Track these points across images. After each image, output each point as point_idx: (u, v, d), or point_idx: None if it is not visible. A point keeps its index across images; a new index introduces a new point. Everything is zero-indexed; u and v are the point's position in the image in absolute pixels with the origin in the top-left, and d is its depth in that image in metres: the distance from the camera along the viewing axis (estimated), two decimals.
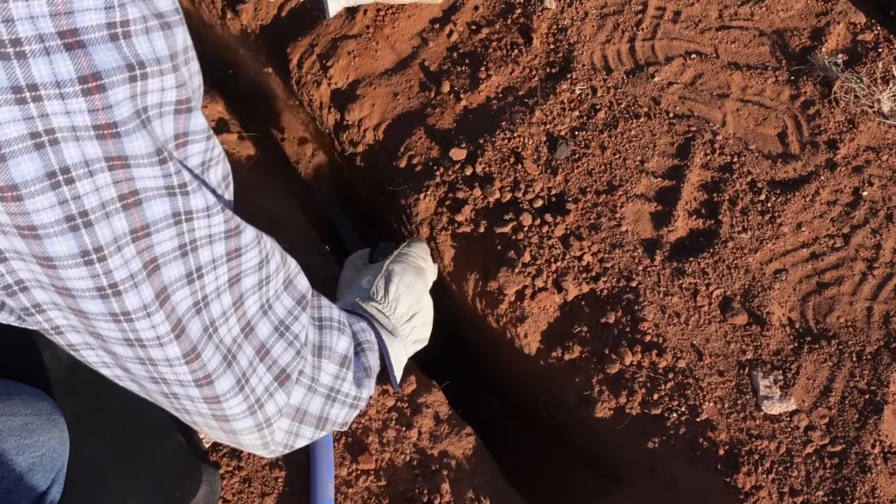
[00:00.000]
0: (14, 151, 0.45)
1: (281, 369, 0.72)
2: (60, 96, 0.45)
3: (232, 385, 0.66)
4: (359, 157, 1.44)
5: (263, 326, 0.70)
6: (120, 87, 0.47)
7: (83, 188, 0.48)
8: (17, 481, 0.81)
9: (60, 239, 0.49)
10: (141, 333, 0.57)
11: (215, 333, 0.63)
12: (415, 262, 1.14)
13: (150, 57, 0.49)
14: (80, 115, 0.46)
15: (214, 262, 0.60)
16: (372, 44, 1.48)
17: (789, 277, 1.19)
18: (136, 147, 0.50)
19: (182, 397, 0.65)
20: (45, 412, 0.87)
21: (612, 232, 1.23)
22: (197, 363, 0.62)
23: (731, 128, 1.35)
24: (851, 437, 1.07)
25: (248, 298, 0.67)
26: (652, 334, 1.15)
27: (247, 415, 0.69)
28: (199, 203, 0.56)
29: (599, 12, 1.49)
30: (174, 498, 0.95)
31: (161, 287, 0.56)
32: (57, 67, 0.44)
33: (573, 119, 1.35)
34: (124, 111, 0.48)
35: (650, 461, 1.10)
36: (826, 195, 1.27)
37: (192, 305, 0.60)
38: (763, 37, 1.47)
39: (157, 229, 0.54)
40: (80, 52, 0.45)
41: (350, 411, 0.84)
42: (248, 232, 0.63)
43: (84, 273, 0.51)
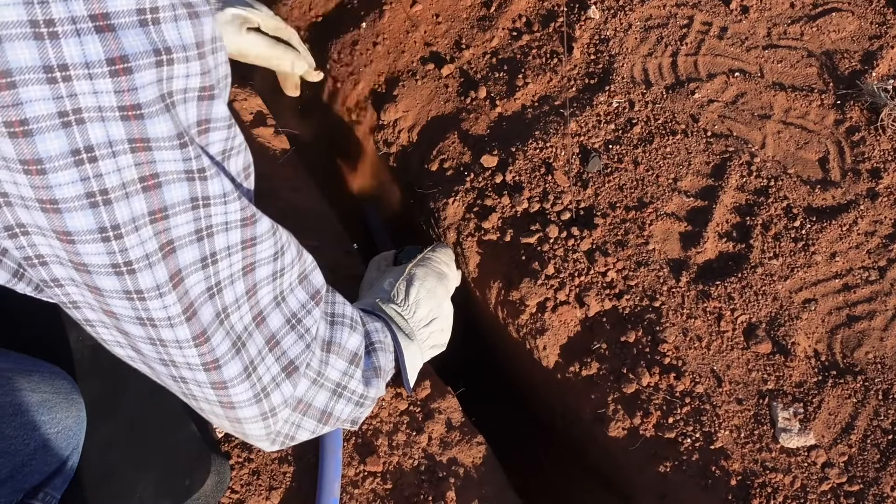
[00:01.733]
0: (41, 128, 0.47)
1: (290, 360, 0.73)
2: (89, 76, 0.47)
3: (239, 371, 0.67)
4: (392, 157, 1.45)
5: (275, 317, 0.71)
6: (146, 70, 0.49)
7: (105, 167, 0.50)
8: (32, 455, 0.84)
9: (80, 214, 0.50)
10: (153, 313, 0.58)
11: (227, 319, 0.64)
12: (438, 268, 1.14)
13: (177, 43, 0.50)
14: (106, 96, 0.48)
15: (229, 249, 0.61)
16: (412, 45, 1.48)
17: (818, 308, 1.16)
18: (159, 130, 0.51)
19: (190, 381, 0.66)
20: (65, 391, 0.89)
21: (639, 250, 1.22)
22: (206, 346, 0.63)
23: (770, 150, 1.32)
24: (870, 477, 1.04)
25: (262, 289, 0.67)
26: (671, 356, 1.13)
27: (252, 402, 0.70)
28: (216, 189, 0.57)
29: (643, 24, 1.47)
30: (183, 486, 0.97)
31: (176, 269, 0.57)
32: (87, 48, 0.46)
33: (608, 132, 1.33)
34: (149, 94, 0.50)
35: (661, 485, 1.08)
36: (864, 225, 1.24)
37: (205, 290, 0.61)
38: (811, 57, 1.43)
39: (175, 212, 0.55)
40: (109, 34, 0.47)
41: (355, 409, 0.85)
42: (263, 222, 0.64)
43: (101, 249, 0.53)
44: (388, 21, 1.51)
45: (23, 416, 0.84)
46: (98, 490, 0.94)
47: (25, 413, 0.84)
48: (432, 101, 1.42)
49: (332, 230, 1.38)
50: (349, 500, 1.04)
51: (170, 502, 0.96)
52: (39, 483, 0.88)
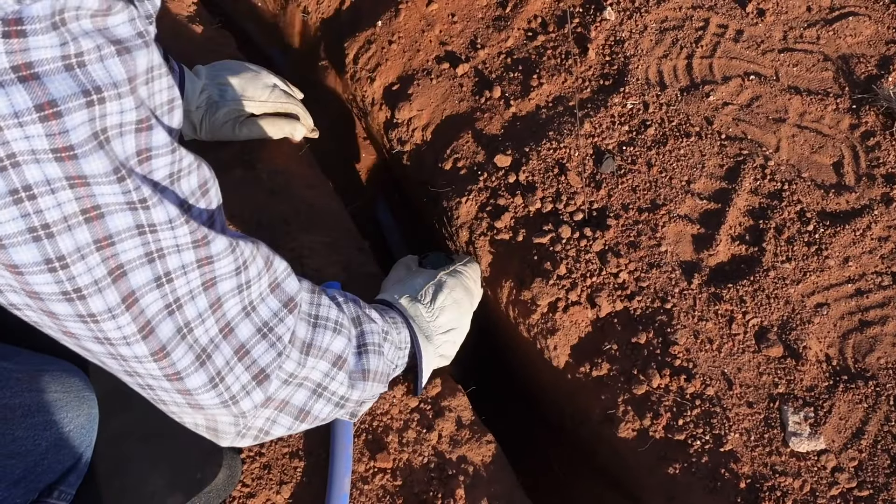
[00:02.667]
0: None
1: (260, 369, 0.74)
2: (19, 124, 0.48)
3: (204, 382, 0.69)
4: (406, 155, 1.45)
5: (245, 328, 0.72)
6: (77, 112, 0.50)
7: (45, 203, 0.51)
8: (44, 455, 0.85)
9: (24, 248, 0.52)
10: (108, 333, 0.60)
11: (190, 334, 0.65)
12: (466, 282, 1.17)
13: (106, 81, 0.51)
14: (38, 140, 0.49)
15: (185, 268, 0.62)
16: (427, 44, 1.49)
17: (831, 312, 1.16)
18: (94, 167, 0.52)
19: (157, 389, 0.68)
20: (76, 389, 0.90)
21: (651, 251, 1.22)
22: (166, 361, 0.65)
23: (784, 154, 1.32)
24: (880, 483, 1.04)
25: (227, 301, 0.68)
26: (682, 358, 1.13)
27: (220, 406, 0.72)
28: (160, 216, 0.58)
29: (659, 26, 1.47)
30: (195, 479, 0.97)
31: (128, 291, 0.59)
32: (13, 98, 0.47)
33: (622, 134, 1.33)
34: (81, 134, 0.51)
35: (670, 487, 1.09)
36: (878, 231, 1.23)
37: (163, 307, 0.62)
38: (827, 62, 1.43)
39: (121, 238, 0.56)
40: (34, 83, 0.48)
41: (335, 409, 0.86)
42: (218, 241, 0.64)
43: (49, 279, 0.54)
44: (403, 20, 1.52)
45: (34, 417, 0.85)
46: (111, 483, 0.95)
47: (36, 414, 0.85)
48: (447, 100, 1.43)
49: (345, 227, 1.38)
50: (359, 496, 1.05)
51: (181, 495, 0.97)
52: (54, 481, 0.89)
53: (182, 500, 0.96)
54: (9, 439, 0.82)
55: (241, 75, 1.31)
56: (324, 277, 1.25)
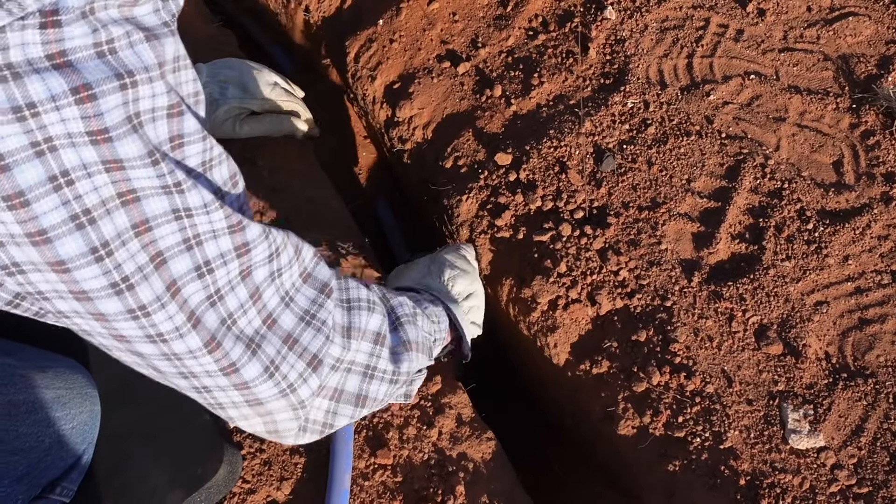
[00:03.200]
0: (17, 161, 0.48)
1: (313, 355, 0.74)
2: (56, 108, 0.49)
3: (260, 372, 0.68)
4: (407, 154, 1.46)
5: (287, 318, 0.71)
6: (111, 95, 0.51)
7: (83, 188, 0.51)
8: (48, 451, 0.85)
9: (69, 239, 0.52)
10: (160, 327, 0.59)
11: (234, 325, 0.65)
12: (461, 253, 1.21)
13: (138, 66, 0.52)
14: (73, 123, 0.50)
15: (223, 257, 0.62)
16: (428, 43, 1.49)
17: (830, 311, 1.17)
18: (129, 150, 0.53)
19: (213, 389, 0.67)
20: (79, 385, 0.90)
21: (652, 249, 1.22)
22: (219, 352, 0.64)
23: (784, 153, 1.32)
24: (880, 480, 1.04)
25: (266, 291, 0.68)
26: (682, 356, 1.13)
27: (279, 397, 0.71)
28: (195, 200, 0.58)
29: (660, 26, 1.47)
30: (195, 476, 0.97)
31: (171, 280, 0.58)
32: (49, 83, 0.48)
33: (622, 132, 1.34)
34: (115, 117, 0.51)
35: (669, 484, 1.09)
36: (878, 229, 1.24)
37: (205, 298, 0.62)
38: (827, 61, 1.43)
39: (158, 224, 0.56)
40: (68, 69, 0.49)
41: (391, 387, 0.85)
42: (252, 227, 0.64)
43: (96, 271, 0.54)
44: (405, 19, 1.52)
45: (37, 414, 0.85)
46: (112, 480, 0.95)
47: (39, 410, 0.85)
48: (448, 98, 1.43)
49: (346, 225, 1.39)
50: (359, 492, 1.05)
51: (182, 491, 0.97)
52: (56, 478, 0.89)
53: (183, 496, 0.97)
54: (12, 436, 0.82)
55: (242, 73, 1.31)
56: None
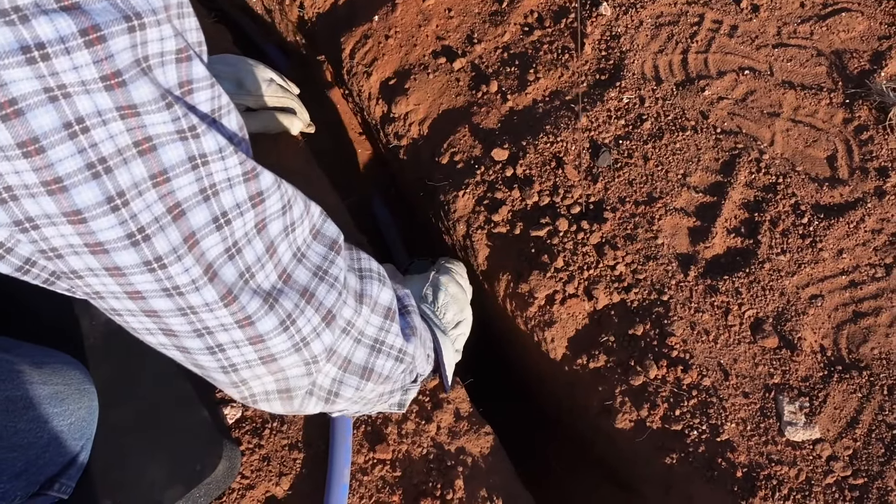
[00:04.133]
0: (31, 105, 0.48)
1: (327, 310, 0.73)
2: (66, 51, 0.48)
3: (275, 325, 0.67)
4: (403, 150, 1.46)
5: (301, 273, 0.71)
6: (119, 37, 0.50)
7: (98, 136, 0.51)
8: (46, 448, 0.84)
9: (85, 187, 0.51)
10: (176, 279, 0.58)
11: (252, 279, 0.64)
12: (457, 278, 1.19)
13: (145, 8, 0.51)
14: (86, 69, 0.49)
15: (240, 207, 0.61)
16: (424, 38, 1.49)
17: (825, 304, 1.17)
18: (142, 93, 0.52)
19: (227, 346, 0.66)
20: (77, 381, 0.90)
21: (648, 244, 1.23)
22: (235, 305, 0.63)
23: (779, 147, 1.33)
24: (875, 471, 1.05)
25: (280, 245, 0.67)
26: (679, 350, 1.14)
27: (292, 351, 0.70)
28: (211, 145, 0.57)
29: (654, 22, 1.47)
30: (194, 471, 0.97)
31: (189, 232, 0.58)
32: (58, 24, 0.47)
33: (618, 128, 1.34)
34: (125, 59, 0.51)
35: (667, 477, 1.09)
36: (871, 223, 1.25)
37: (223, 251, 0.61)
38: (821, 57, 1.44)
39: (176, 174, 0.56)
40: (76, 11, 0.48)
41: (395, 364, 0.84)
42: (266, 175, 0.64)
43: (112, 221, 0.53)
44: (400, 15, 1.52)
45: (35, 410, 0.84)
46: (110, 475, 0.95)
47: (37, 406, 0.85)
48: (444, 94, 1.43)
49: (342, 222, 1.39)
50: (358, 487, 1.05)
51: (181, 487, 0.97)
52: (54, 474, 0.88)
53: (182, 491, 0.96)
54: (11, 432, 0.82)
55: (237, 69, 1.31)
56: None
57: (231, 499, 1.03)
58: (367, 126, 1.62)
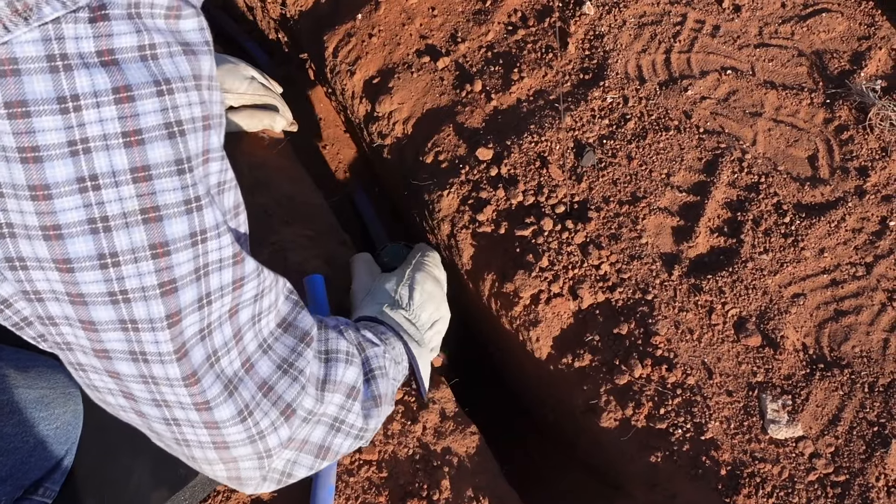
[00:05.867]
0: (51, 156, 0.50)
1: (287, 404, 0.73)
2: (97, 104, 0.50)
3: (233, 415, 0.67)
4: (386, 149, 1.45)
5: (264, 365, 0.71)
6: (148, 99, 0.53)
7: (107, 196, 0.52)
8: (31, 452, 0.84)
9: (80, 240, 0.53)
10: (145, 346, 0.59)
11: (217, 363, 0.65)
12: (432, 272, 1.16)
13: (174, 75, 0.54)
14: (111, 123, 0.51)
15: (222, 290, 0.62)
16: (408, 37, 1.49)
17: (807, 302, 1.19)
18: (158, 155, 0.54)
19: (183, 423, 0.66)
20: (61, 385, 0.89)
21: (632, 243, 1.23)
22: (196, 388, 0.63)
23: (761, 147, 1.34)
24: (856, 468, 1.06)
25: (246, 334, 0.68)
26: (663, 349, 1.15)
27: (246, 443, 0.70)
28: (210, 220, 0.59)
29: (638, 21, 1.48)
30: (179, 474, 0.97)
31: (176, 309, 0.59)
32: (95, 80, 0.50)
33: (602, 127, 1.35)
34: (151, 121, 0.53)
35: (652, 475, 1.10)
36: (852, 222, 1.26)
37: (197, 332, 0.62)
38: (801, 57, 1.46)
39: (177, 249, 0.57)
40: (114, 68, 0.51)
41: (354, 442, 0.84)
42: (249, 262, 0.65)
43: (98, 276, 0.54)
44: (383, 13, 1.52)
45: (20, 414, 0.84)
46: (95, 479, 0.94)
47: (23, 411, 0.84)
48: (427, 93, 1.43)
49: (327, 221, 1.38)
50: (345, 489, 1.05)
51: (166, 490, 0.96)
52: (39, 478, 0.87)
53: (167, 494, 0.96)
54: None
55: (218, 67, 1.30)
56: (306, 270, 1.24)
57: (216, 501, 1.02)
58: (350, 125, 1.62)
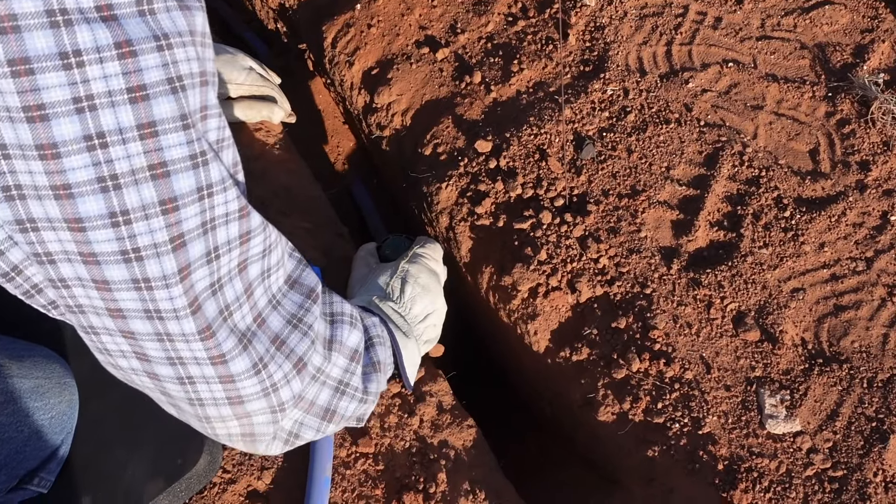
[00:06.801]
0: (57, 113, 0.50)
1: (299, 357, 0.74)
2: (100, 60, 0.50)
3: (247, 367, 0.68)
4: (385, 140, 1.45)
5: (275, 320, 0.71)
6: (149, 54, 0.52)
7: (115, 153, 0.52)
8: (26, 442, 0.84)
9: (91, 199, 0.53)
10: (160, 304, 0.59)
11: (230, 318, 0.65)
12: (429, 264, 1.14)
13: (172, 30, 0.54)
14: (115, 79, 0.51)
15: (229, 244, 0.63)
16: (407, 28, 1.48)
17: (806, 297, 1.18)
18: (164, 110, 0.54)
19: (198, 380, 0.66)
20: (57, 375, 0.89)
21: (631, 237, 1.23)
22: (212, 341, 0.64)
23: (762, 141, 1.33)
24: (854, 463, 1.06)
25: (257, 289, 0.68)
26: (662, 343, 1.14)
27: (260, 396, 0.71)
28: (216, 175, 0.59)
29: (639, 13, 1.47)
30: (175, 465, 0.97)
31: (186, 263, 0.59)
32: (97, 34, 0.50)
33: (602, 120, 1.34)
34: (153, 76, 0.53)
35: (649, 469, 1.10)
36: (853, 217, 1.25)
37: (208, 286, 0.62)
38: (804, 49, 1.45)
39: (185, 203, 0.57)
40: (114, 23, 0.50)
41: (359, 406, 0.85)
42: (255, 215, 0.65)
43: (110, 235, 0.54)
44: (383, 3, 1.51)
45: (15, 404, 0.83)
46: (91, 468, 0.94)
47: (18, 400, 0.84)
48: (427, 84, 1.42)
49: (324, 212, 1.37)
50: (341, 481, 1.05)
51: (162, 481, 0.96)
52: (34, 468, 0.87)
53: (163, 486, 0.96)
54: None
55: (217, 57, 1.29)
56: None
57: (213, 493, 1.02)
58: (349, 116, 1.61)
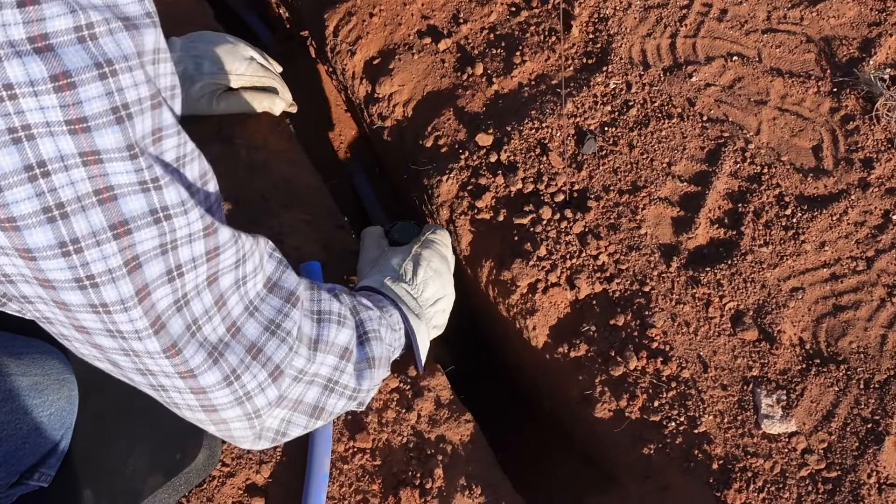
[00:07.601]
0: None
1: (276, 366, 0.73)
2: (34, 94, 0.48)
3: (219, 380, 0.68)
4: (386, 131, 1.44)
5: (251, 327, 0.71)
6: (90, 84, 0.50)
7: (59, 181, 0.51)
8: (26, 438, 0.84)
9: (38, 230, 0.51)
10: (120, 326, 0.58)
11: (199, 332, 0.65)
12: (441, 250, 1.15)
13: (117, 55, 0.51)
14: (52, 111, 0.49)
15: (195, 261, 0.62)
16: (409, 17, 1.46)
17: (805, 297, 1.18)
18: (107, 141, 0.52)
19: (170, 389, 0.67)
20: (56, 371, 0.89)
21: (631, 234, 1.22)
22: (178, 358, 0.64)
23: (765, 136, 1.32)
24: (848, 464, 1.06)
25: (230, 298, 0.68)
26: (659, 341, 1.14)
27: (234, 405, 0.71)
28: (173, 198, 0.57)
29: (643, 4, 1.45)
30: (175, 460, 0.98)
31: (142, 284, 0.58)
32: (30, 68, 0.47)
33: (604, 114, 1.33)
34: (95, 107, 0.50)
35: (644, 467, 1.11)
36: (854, 215, 1.25)
37: (172, 303, 0.61)
38: (810, 43, 1.43)
39: (138, 226, 0.55)
40: (49, 54, 0.48)
41: (348, 402, 0.85)
42: (223, 231, 0.64)
43: (62, 264, 0.53)
44: None
45: (14, 402, 0.84)
46: (91, 463, 0.95)
47: (16, 398, 0.84)
48: (428, 75, 1.41)
49: (325, 204, 1.37)
50: (338, 476, 1.06)
51: (161, 475, 0.97)
52: (34, 463, 0.88)
53: (162, 480, 0.97)
54: None
55: (217, 47, 1.28)
56: (304, 255, 1.24)
57: (212, 486, 1.03)
58: (351, 105, 1.60)
